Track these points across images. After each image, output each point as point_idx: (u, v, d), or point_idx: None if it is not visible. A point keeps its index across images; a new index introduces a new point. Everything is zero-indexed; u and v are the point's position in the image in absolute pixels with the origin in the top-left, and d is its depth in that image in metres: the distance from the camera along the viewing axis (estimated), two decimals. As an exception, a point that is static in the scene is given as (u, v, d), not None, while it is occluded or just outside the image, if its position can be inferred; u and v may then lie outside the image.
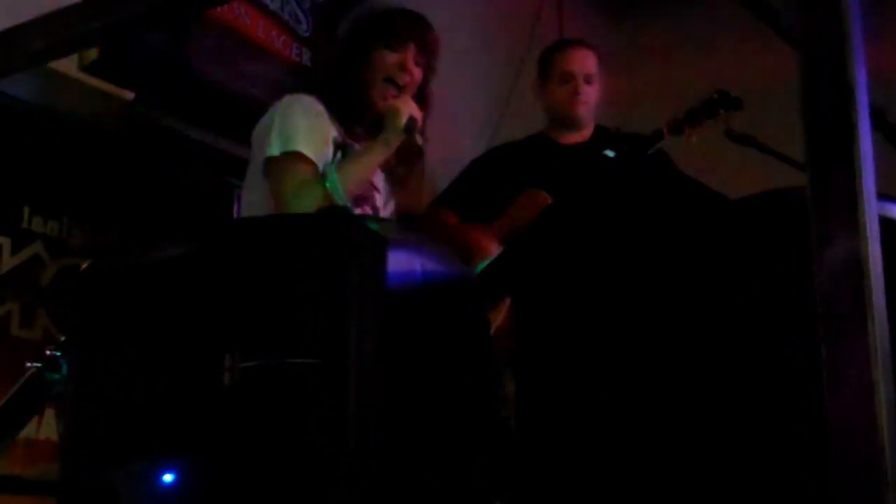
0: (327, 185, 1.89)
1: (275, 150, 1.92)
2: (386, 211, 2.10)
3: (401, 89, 2.02)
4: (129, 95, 2.60)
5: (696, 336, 1.25)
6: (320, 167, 1.95)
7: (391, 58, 2.02)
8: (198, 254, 1.23)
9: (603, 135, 2.65)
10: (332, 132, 2.00)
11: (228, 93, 2.68)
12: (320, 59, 2.81)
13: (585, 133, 2.68)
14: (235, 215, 2.67)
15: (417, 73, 2.04)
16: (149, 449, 1.25)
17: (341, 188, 1.90)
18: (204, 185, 2.74)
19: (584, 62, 2.66)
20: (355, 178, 1.94)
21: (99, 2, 1.35)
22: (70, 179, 2.58)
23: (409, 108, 1.96)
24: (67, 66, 2.43)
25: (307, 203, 1.87)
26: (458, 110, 3.34)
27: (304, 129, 1.95)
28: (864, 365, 0.78)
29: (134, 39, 2.41)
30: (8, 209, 2.47)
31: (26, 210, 2.50)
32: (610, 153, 2.29)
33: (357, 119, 2.03)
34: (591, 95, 2.65)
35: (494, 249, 2.40)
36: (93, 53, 2.42)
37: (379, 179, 2.08)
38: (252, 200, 2.04)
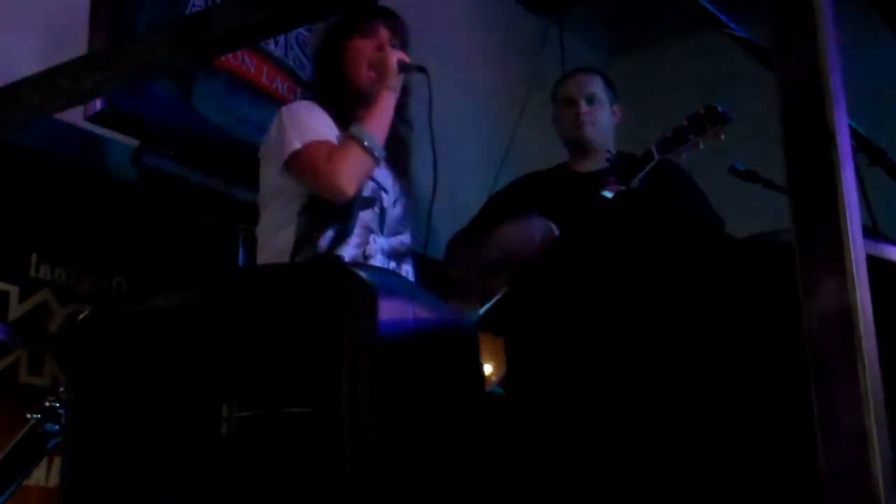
0: (364, 142, 1.94)
1: (296, 144, 1.96)
2: (395, 210, 2.10)
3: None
4: (134, 143, 2.63)
5: (690, 373, 1.25)
6: None
7: (368, 44, 2.07)
8: (193, 304, 1.24)
9: (622, 161, 2.60)
10: (335, 131, 2.04)
11: (233, 139, 2.70)
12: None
13: (601, 160, 2.61)
14: (241, 259, 2.68)
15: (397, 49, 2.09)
16: (147, 499, 1.25)
17: (375, 138, 1.95)
18: (210, 231, 2.76)
19: (585, 84, 2.68)
20: (382, 126, 1.99)
21: (98, 58, 1.38)
22: (77, 227, 2.61)
23: (393, 54, 2.03)
24: (74, 115, 2.46)
25: (351, 170, 1.92)
26: (459, 156, 3.35)
27: (316, 121, 2.01)
28: (857, 412, 0.77)
29: (139, 88, 2.44)
30: (16, 257, 2.49)
31: (34, 258, 2.52)
32: (608, 194, 2.28)
33: (352, 114, 2.05)
34: (595, 115, 2.64)
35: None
36: (97, 102, 2.45)
37: (386, 179, 2.09)
38: (266, 219, 2.05)
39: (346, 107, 2.08)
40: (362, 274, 1.11)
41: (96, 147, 2.63)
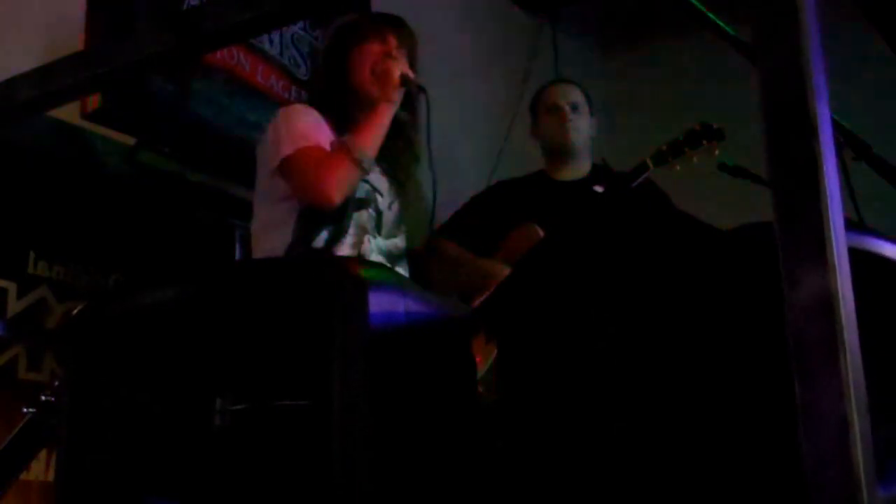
0: (354, 154, 1.94)
1: (288, 149, 1.97)
2: (391, 213, 2.12)
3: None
4: (131, 141, 2.64)
5: (686, 372, 1.25)
6: None
7: (374, 48, 2.07)
8: (187, 299, 1.25)
9: (600, 172, 2.67)
10: (330, 136, 2.05)
11: (229, 137, 2.72)
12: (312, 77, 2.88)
13: (582, 170, 2.71)
14: (237, 255, 2.69)
15: (402, 61, 2.08)
16: (140, 492, 1.25)
17: (365, 150, 1.95)
18: (206, 228, 2.77)
19: (568, 93, 2.73)
20: (375, 138, 1.99)
21: (92, 54, 1.39)
22: (74, 224, 2.62)
23: (398, 67, 2.02)
24: (70, 113, 2.47)
25: (338, 180, 1.93)
26: (455, 154, 3.37)
27: (310, 126, 2.02)
28: (838, 402, 0.78)
29: (135, 86, 2.45)
30: (14, 254, 2.50)
31: (32, 255, 2.54)
32: (598, 188, 2.33)
33: (352, 120, 2.06)
34: (579, 122, 2.69)
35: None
36: (94, 101, 2.46)
37: (381, 182, 2.10)
38: (261, 218, 2.07)
39: (345, 108, 2.09)
40: (353, 267, 1.12)
41: (93, 145, 2.64)
